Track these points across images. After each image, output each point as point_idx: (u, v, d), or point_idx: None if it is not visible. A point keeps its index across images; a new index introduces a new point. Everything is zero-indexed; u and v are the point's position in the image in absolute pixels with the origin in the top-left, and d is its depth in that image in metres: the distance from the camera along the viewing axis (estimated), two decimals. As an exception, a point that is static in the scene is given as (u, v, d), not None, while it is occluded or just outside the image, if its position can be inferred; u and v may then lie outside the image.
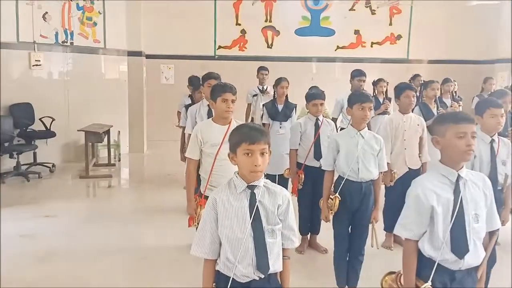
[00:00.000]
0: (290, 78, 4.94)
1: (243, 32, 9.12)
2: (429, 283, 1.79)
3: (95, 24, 7.45)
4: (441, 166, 1.87)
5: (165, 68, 9.20)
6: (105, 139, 6.90)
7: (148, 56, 8.56)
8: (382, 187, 3.78)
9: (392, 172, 3.77)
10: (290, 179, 4.05)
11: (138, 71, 8.16)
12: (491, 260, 2.89)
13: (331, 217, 3.00)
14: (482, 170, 2.79)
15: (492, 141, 2.82)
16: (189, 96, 5.43)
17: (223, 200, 1.73)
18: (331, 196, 2.96)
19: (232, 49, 9.17)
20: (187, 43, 8.91)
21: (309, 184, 3.70)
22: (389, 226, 3.95)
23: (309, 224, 3.88)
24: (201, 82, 4.09)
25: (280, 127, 4.82)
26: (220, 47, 9.18)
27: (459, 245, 1.78)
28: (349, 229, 3.00)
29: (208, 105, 3.73)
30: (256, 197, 1.72)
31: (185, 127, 4.36)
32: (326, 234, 3.09)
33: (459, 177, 1.82)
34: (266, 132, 1.77)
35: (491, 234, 1.94)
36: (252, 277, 1.70)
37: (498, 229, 1.95)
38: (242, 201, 1.73)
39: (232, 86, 2.84)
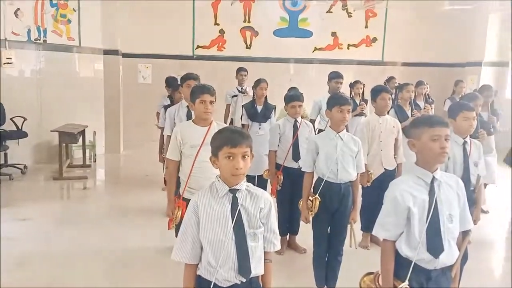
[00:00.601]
0: (269, 78, 4.97)
1: (222, 32, 9.11)
2: (406, 282, 1.84)
3: (69, 21, 7.28)
4: (417, 168, 1.92)
5: (142, 67, 9.10)
6: (80, 140, 6.75)
7: (124, 55, 8.45)
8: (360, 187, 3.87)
9: (369, 172, 3.84)
10: (269, 180, 4.07)
11: (114, 70, 8.02)
12: (463, 258, 2.99)
13: (310, 218, 3.04)
14: (456, 171, 2.88)
15: (465, 143, 2.91)
16: (168, 97, 5.39)
17: (204, 204, 1.73)
18: (310, 198, 2.99)
19: (211, 49, 9.15)
20: (165, 42, 8.84)
21: (288, 185, 3.73)
22: (366, 226, 4.03)
23: (288, 224, 3.91)
24: (180, 83, 4.06)
25: (260, 128, 4.84)
26: (198, 46, 9.14)
27: (434, 245, 1.83)
28: (328, 229, 3.04)
29: (187, 106, 3.72)
30: (238, 201, 1.73)
31: (164, 128, 4.32)
32: (305, 235, 3.12)
33: (434, 178, 1.88)
34: (248, 135, 1.78)
35: (464, 233, 2.01)
36: (234, 281, 1.70)
37: (470, 229, 2.01)
38: (224, 205, 1.73)
39: (211, 87, 2.84)
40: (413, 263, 1.84)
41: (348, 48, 9.44)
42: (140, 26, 8.64)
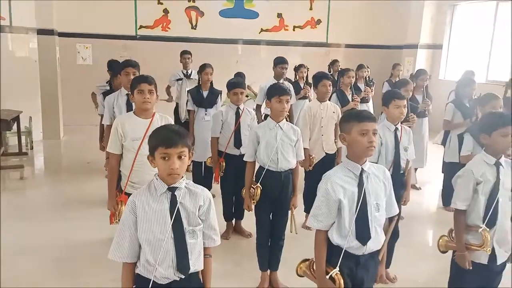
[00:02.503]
0: (216, 60, 4.94)
1: (166, 11, 8.83)
2: (337, 268, 1.97)
3: (-2, -1, 6.73)
4: (347, 161, 2.03)
5: (81, 48, 8.66)
6: (15, 126, 6.36)
7: (61, 35, 7.98)
8: (302, 171, 4.00)
9: (311, 157, 3.98)
10: (214, 167, 4.10)
11: (50, 51, 7.57)
12: (395, 236, 3.24)
13: (253, 206, 3.12)
14: (388, 156, 3.07)
15: (396, 129, 3.10)
16: (107, 82, 5.18)
17: (142, 203, 1.73)
18: (252, 186, 3.06)
19: (155, 29, 8.86)
20: (106, 21, 8.44)
21: (231, 172, 3.78)
22: (308, 208, 4.19)
23: (233, 210, 3.99)
24: (118, 70, 3.93)
25: (206, 114, 4.85)
26: (141, 26, 8.82)
27: (362, 233, 1.96)
28: (270, 216, 3.14)
29: (127, 94, 3.62)
30: (177, 199, 1.74)
31: (103, 115, 4.19)
32: (251, 219, 3.20)
33: (362, 171, 1.99)
34: (185, 134, 1.77)
35: (390, 219, 2.17)
36: (173, 278, 1.73)
37: (396, 215, 2.17)
38: (162, 203, 1.74)
39: (148, 76, 2.79)
40: (343, 251, 1.96)
41: (293, 30, 9.51)
42: (78, 4, 8.18)
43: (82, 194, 4.99)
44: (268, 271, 3.18)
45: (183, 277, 1.74)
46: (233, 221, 4.07)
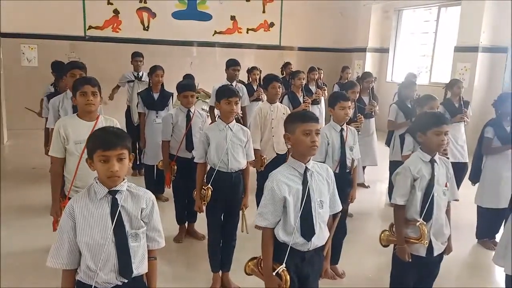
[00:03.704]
0: (168, 62, 4.89)
1: (116, 12, 8.62)
2: (284, 265, 2.02)
3: None
4: (292, 160, 2.09)
5: (26, 49, 8.26)
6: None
7: (4, 35, 7.58)
8: (254, 172, 4.04)
9: (262, 157, 4.04)
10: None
11: (-8, 52, 7.18)
12: (342, 233, 3.36)
13: (204, 207, 3.12)
14: (334, 155, 3.18)
15: (342, 129, 3.22)
16: (51, 85, 4.98)
17: (81, 207, 1.69)
18: (204, 187, 3.07)
19: (105, 30, 8.62)
20: (53, 20, 8.11)
21: (183, 175, 3.75)
22: (261, 208, 4.25)
23: (186, 213, 3.96)
24: (64, 72, 3.80)
25: (157, 117, 4.80)
26: (91, 27, 8.54)
27: (307, 229, 2.03)
28: (222, 217, 3.15)
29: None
30: (119, 202, 1.72)
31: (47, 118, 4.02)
32: (205, 222, 3.20)
33: (306, 169, 2.06)
34: (124, 136, 1.74)
35: (334, 216, 2.25)
36: (115, 283, 1.70)
37: (340, 212, 2.25)
38: (103, 208, 1.71)
39: (92, 78, 2.74)
40: (289, 247, 2.02)
41: (247, 32, 9.59)
42: (22, 3, 7.80)
43: (26, 200, 4.77)
44: (220, 272, 3.19)
45: (126, 281, 1.72)
46: (186, 224, 4.05)
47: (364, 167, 5.51)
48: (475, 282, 3.48)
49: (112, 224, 1.69)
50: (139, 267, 1.76)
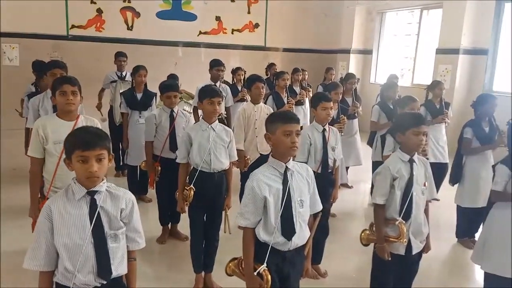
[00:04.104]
0: (153, 62, 4.85)
1: (100, 11, 8.52)
2: (265, 265, 2.03)
3: None
4: (272, 159, 2.10)
5: (7, 48, 8.11)
6: None
7: (-16, 34, 7.45)
8: (238, 172, 4.04)
9: (246, 158, 4.04)
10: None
11: (-28, 51, 7.03)
12: (324, 232, 3.38)
13: (186, 208, 3.11)
14: (316, 156, 3.20)
15: (324, 130, 3.24)
16: (32, 84, 4.91)
17: (59, 208, 1.67)
18: (186, 188, 3.05)
19: (88, 29, 8.51)
20: (35, 19, 7.97)
21: (167, 176, 3.73)
22: (245, 209, 4.25)
23: (169, 214, 3.94)
24: (44, 71, 3.74)
25: (140, 117, 4.77)
26: (73, 26, 8.43)
27: (287, 229, 2.04)
28: (204, 217, 3.14)
29: (54, 96, 3.45)
30: (97, 203, 1.70)
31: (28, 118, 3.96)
32: (188, 222, 3.19)
33: (286, 168, 2.07)
34: (103, 136, 1.73)
35: (315, 215, 2.26)
36: (93, 284, 1.69)
37: (320, 211, 2.27)
38: (81, 208, 1.69)
39: (71, 77, 2.71)
40: (270, 247, 2.03)
41: (232, 33, 9.58)
42: (3, 1, 7.64)
43: (6, 201, 4.67)
44: (203, 273, 3.18)
45: (104, 282, 1.70)
46: (170, 225, 4.02)
47: (347, 168, 5.56)
48: (455, 281, 3.54)
49: (91, 225, 1.67)
50: (118, 268, 1.74)
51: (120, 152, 5.47)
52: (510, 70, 6.68)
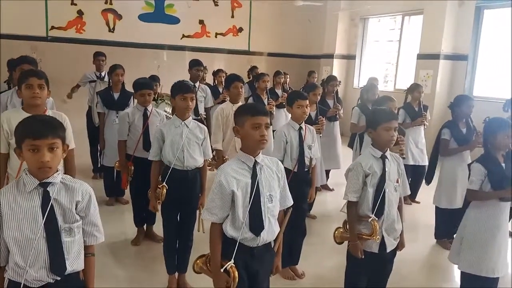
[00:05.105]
0: (135, 64, 4.76)
1: (80, 13, 8.41)
2: (232, 261, 1.96)
3: None
4: (241, 153, 2.04)
5: (-16, 49, 7.92)
6: None
7: (-42, 34, 7.27)
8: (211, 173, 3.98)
9: (224, 158, 3.97)
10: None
11: None
12: (301, 233, 3.33)
13: (159, 207, 3.03)
14: (292, 154, 3.16)
15: (300, 128, 3.20)
16: (5, 82, 4.79)
17: (9, 200, 1.59)
18: (158, 186, 2.98)
19: (68, 30, 8.38)
20: (13, 20, 7.80)
21: (140, 176, 3.62)
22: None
23: (144, 215, 3.84)
24: (12, 67, 3.65)
25: (117, 117, 4.67)
26: (53, 27, 8.29)
27: (255, 224, 1.97)
28: (178, 216, 3.06)
29: (24, 93, 3.35)
30: (51, 195, 1.62)
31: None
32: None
33: (255, 162, 2.01)
34: (56, 124, 1.65)
35: (285, 211, 2.20)
36: (46, 280, 1.60)
37: (291, 207, 2.21)
38: (33, 200, 1.60)
39: (39, 70, 2.64)
40: (237, 243, 1.96)
41: (216, 37, 9.55)
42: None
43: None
44: (177, 274, 3.09)
45: (58, 279, 1.62)
46: (145, 226, 3.93)
47: (328, 171, 5.53)
48: (433, 281, 3.52)
49: (43, 218, 1.59)
50: (74, 263, 1.66)
51: (98, 153, 5.36)
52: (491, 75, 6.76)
